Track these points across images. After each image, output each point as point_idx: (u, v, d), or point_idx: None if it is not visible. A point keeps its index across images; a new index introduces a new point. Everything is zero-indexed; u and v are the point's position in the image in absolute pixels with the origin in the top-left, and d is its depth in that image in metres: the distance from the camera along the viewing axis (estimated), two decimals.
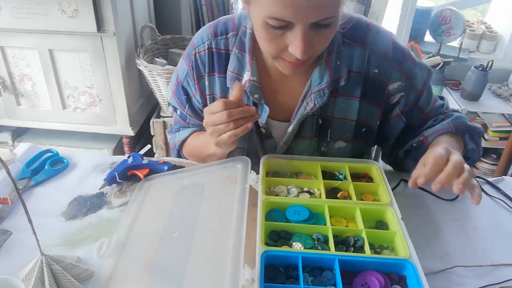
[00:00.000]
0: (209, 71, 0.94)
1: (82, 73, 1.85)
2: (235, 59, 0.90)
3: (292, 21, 0.69)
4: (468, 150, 0.93)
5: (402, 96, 0.92)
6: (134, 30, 1.91)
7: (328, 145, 0.95)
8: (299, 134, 0.94)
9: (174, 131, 1.10)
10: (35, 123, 2.01)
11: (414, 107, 0.94)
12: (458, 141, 0.91)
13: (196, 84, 0.96)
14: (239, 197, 0.82)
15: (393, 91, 0.91)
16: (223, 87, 0.93)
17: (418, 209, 0.91)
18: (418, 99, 0.93)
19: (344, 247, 0.73)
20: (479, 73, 2.19)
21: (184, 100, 1.00)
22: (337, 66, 0.86)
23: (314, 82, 0.87)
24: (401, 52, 0.90)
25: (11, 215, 0.85)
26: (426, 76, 0.93)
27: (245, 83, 0.89)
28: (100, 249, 0.75)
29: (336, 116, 0.92)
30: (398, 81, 0.90)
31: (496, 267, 0.78)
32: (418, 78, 0.92)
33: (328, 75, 0.86)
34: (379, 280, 0.66)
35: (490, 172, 2.44)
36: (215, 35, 0.92)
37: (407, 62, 0.90)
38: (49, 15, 1.68)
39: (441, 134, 0.90)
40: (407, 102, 0.93)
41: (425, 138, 0.92)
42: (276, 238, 0.74)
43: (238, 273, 0.65)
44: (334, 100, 0.90)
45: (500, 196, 0.95)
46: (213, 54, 0.92)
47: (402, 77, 0.90)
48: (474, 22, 2.56)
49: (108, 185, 0.93)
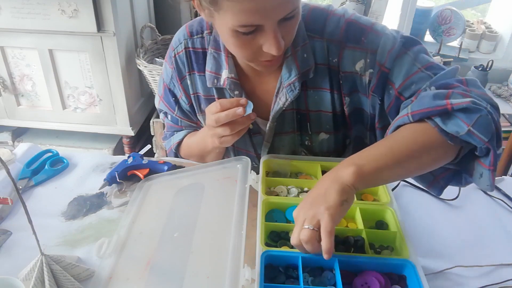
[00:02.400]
0: (189, 70, 0.95)
1: (82, 73, 1.85)
2: (211, 59, 0.90)
3: (262, 24, 0.70)
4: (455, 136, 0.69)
5: (371, 73, 0.83)
6: (134, 30, 1.91)
7: (311, 138, 0.95)
8: (282, 130, 0.95)
9: (169, 136, 1.10)
10: (35, 123, 2.01)
11: (383, 83, 0.82)
12: (423, 134, 0.71)
13: (180, 85, 0.97)
14: (239, 197, 0.82)
15: (361, 71, 0.84)
16: (204, 85, 0.94)
17: (418, 209, 0.91)
18: (384, 73, 0.82)
19: (344, 247, 0.73)
20: (479, 73, 2.19)
21: (173, 102, 1.01)
22: (304, 59, 0.85)
23: (284, 77, 0.87)
24: (357, 29, 0.83)
25: (11, 215, 0.85)
26: (392, 46, 0.81)
27: (224, 81, 0.89)
28: (100, 249, 0.75)
29: (311, 109, 0.92)
30: (361, 59, 0.83)
31: (496, 267, 0.78)
32: (385, 46, 0.81)
33: (296, 68, 0.85)
34: (379, 280, 0.66)
35: None
36: (191, 34, 0.93)
37: (367, 37, 0.82)
38: (49, 15, 1.68)
39: (398, 125, 0.75)
40: (373, 78, 0.83)
41: (388, 131, 0.80)
42: (276, 239, 0.74)
43: (238, 273, 0.65)
44: (306, 93, 0.90)
45: (500, 196, 0.95)
46: (190, 53, 0.93)
47: (363, 53, 0.83)
48: (474, 22, 2.56)
49: (108, 185, 0.93)
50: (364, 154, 0.71)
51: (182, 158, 1.10)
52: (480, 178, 0.73)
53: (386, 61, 0.81)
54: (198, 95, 0.97)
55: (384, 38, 0.82)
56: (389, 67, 0.81)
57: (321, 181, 0.70)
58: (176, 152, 1.09)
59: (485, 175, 0.71)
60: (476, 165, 0.73)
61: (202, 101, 0.97)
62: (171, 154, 1.11)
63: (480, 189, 0.93)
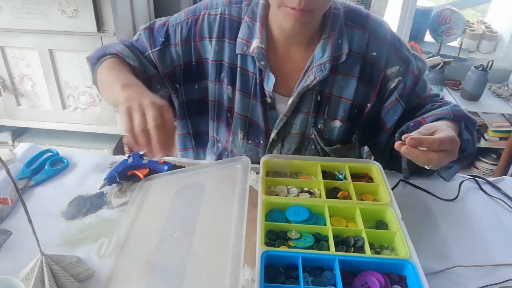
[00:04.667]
0: (219, 36, 0.95)
1: (82, 73, 1.85)
2: (245, 27, 0.93)
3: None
4: (463, 140, 0.89)
5: (400, 80, 0.94)
6: (134, 30, 1.92)
7: (325, 123, 0.98)
8: (298, 109, 0.96)
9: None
10: (35, 123, 2.02)
11: (412, 91, 0.95)
12: (455, 128, 0.88)
13: (197, 41, 0.96)
14: (239, 197, 0.82)
15: (391, 75, 0.94)
16: (232, 53, 0.95)
17: (418, 209, 0.91)
18: (415, 84, 0.95)
19: (344, 247, 0.73)
20: (479, 73, 2.19)
21: (160, 42, 0.96)
22: (339, 44, 0.91)
23: (317, 56, 0.91)
24: (397, 39, 0.95)
25: (11, 215, 0.85)
26: (422, 65, 0.96)
27: (253, 50, 0.91)
28: (100, 249, 0.75)
29: (334, 94, 0.95)
30: (396, 65, 0.94)
31: (496, 267, 0.78)
32: (415, 65, 0.95)
33: (330, 50, 0.90)
34: (379, 280, 0.66)
35: (490, 172, 2.44)
36: (230, 2, 0.96)
37: (403, 49, 0.95)
38: (49, 15, 1.68)
39: (439, 118, 0.89)
40: (405, 86, 0.94)
41: (423, 119, 0.91)
42: (274, 238, 0.74)
43: (238, 273, 0.65)
44: (334, 77, 0.93)
45: (500, 196, 0.95)
46: (225, 20, 0.95)
47: (399, 61, 0.94)
48: (474, 22, 2.56)
49: (108, 185, 0.93)
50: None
51: (96, 74, 0.95)
52: (447, 169, 0.95)
53: (419, 75, 0.95)
54: (221, 63, 0.97)
55: (413, 56, 0.96)
56: (419, 79, 0.95)
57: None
58: (97, 63, 0.96)
59: (454, 169, 0.95)
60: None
61: (225, 69, 0.97)
62: (94, 56, 0.99)
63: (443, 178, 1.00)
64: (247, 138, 1.01)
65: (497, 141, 2.35)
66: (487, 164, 2.45)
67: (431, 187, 0.96)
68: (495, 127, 2.33)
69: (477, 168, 2.50)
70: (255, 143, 1.01)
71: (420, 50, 2.27)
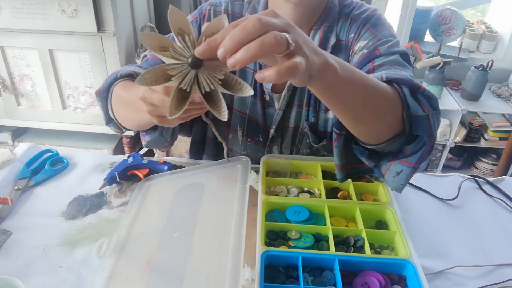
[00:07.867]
0: None
1: (82, 73, 1.85)
2: None
3: None
4: (412, 114, 0.66)
5: (363, 53, 0.85)
6: (134, 30, 1.91)
7: (318, 116, 0.97)
8: (292, 102, 0.97)
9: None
10: (35, 123, 2.01)
11: (367, 62, 0.83)
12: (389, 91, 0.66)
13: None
14: (239, 197, 0.82)
15: (357, 50, 0.88)
16: None
17: (418, 209, 0.91)
18: (374, 55, 0.83)
19: (344, 247, 0.73)
20: (479, 73, 2.19)
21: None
22: (327, 37, 0.91)
23: None
24: (379, 22, 0.89)
25: (11, 215, 0.85)
26: (394, 45, 0.84)
27: None
28: (100, 249, 0.75)
29: None
30: (365, 40, 0.88)
31: (496, 267, 0.78)
32: (386, 42, 0.85)
33: (318, 42, 0.90)
34: (379, 280, 0.66)
35: (490, 172, 2.44)
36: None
37: (382, 31, 0.87)
38: (49, 15, 1.68)
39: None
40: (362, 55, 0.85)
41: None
42: (274, 238, 0.74)
43: (238, 273, 0.65)
44: None
45: (500, 196, 0.95)
46: (229, 16, 0.96)
47: (370, 36, 0.87)
48: (474, 22, 2.56)
49: (108, 185, 0.93)
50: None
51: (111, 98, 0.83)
52: (396, 176, 0.72)
53: (383, 49, 0.83)
54: None
55: (396, 43, 0.85)
56: (381, 54, 0.82)
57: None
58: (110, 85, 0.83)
59: (404, 173, 0.71)
60: (394, 163, 0.72)
61: None
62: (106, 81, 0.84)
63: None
64: (247, 135, 1.01)
65: (497, 141, 2.35)
66: (487, 164, 2.46)
67: (431, 187, 0.96)
68: (495, 127, 2.33)
69: (477, 168, 2.50)
70: (254, 141, 1.01)
71: (420, 50, 2.27)
